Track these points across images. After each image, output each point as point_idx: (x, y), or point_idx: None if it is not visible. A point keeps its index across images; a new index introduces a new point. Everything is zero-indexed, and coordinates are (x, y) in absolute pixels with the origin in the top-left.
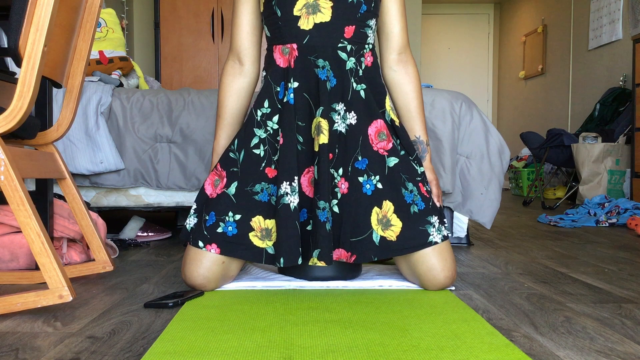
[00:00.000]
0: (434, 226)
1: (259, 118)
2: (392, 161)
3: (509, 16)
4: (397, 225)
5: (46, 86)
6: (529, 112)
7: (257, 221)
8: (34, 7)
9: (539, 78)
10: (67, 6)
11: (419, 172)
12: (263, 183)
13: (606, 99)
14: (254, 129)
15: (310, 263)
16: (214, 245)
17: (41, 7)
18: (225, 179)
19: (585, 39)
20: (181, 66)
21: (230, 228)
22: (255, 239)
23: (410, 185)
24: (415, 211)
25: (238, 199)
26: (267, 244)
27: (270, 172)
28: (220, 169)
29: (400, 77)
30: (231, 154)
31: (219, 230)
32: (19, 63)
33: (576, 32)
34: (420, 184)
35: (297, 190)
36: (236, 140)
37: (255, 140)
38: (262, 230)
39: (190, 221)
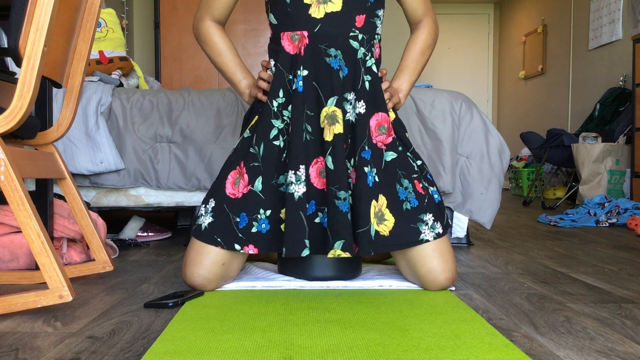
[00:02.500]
0: (426, 224)
1: (275, 109)
2: (390, 156)
3: (509, 16)
4: (390, 220)
5: (46, 86)
6: (529, 112)
7: (285, 212)
8: (34, 7)
9: (539, 78)
10: (67, 6)
11: (416, 169)
12: (286, 174)
13: (606, 99)
14: (272, 120)
15: (329, 255)
16: (250, 246)
17: (41, 7)
18: (246, 175)
19: (585, 39)
20: (181, 66)
21: (263, 225)
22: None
23: (405, 182)
24: (407, 208)
25: (266, 194)
26: None
27: None
28: (243, 167)
29: (411, 34)
30: (251, 149)
31: (254, 230)
32: (19, 63)
33: (576, 32)
34: (415, 181)
35: (302, 179)
36: (254, 135)
37: (274, 132)
38: None
39: (205, 220)
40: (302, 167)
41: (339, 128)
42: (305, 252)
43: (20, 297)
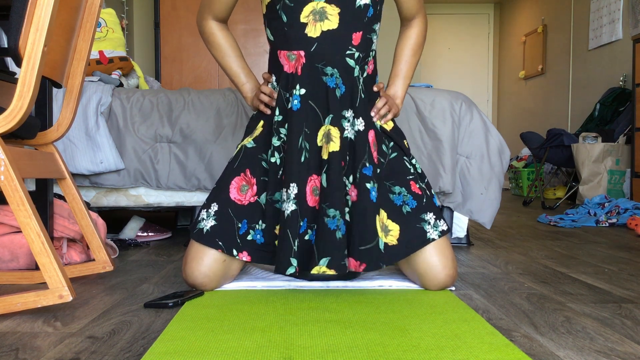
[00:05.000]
0: (429, 223)
1: (275, 125)
2: (378, 169)
3: (509, 16)
4: (394, 229)
5: (46, 86)
6: (529, 112)
7: (278, 229)
8: (34, 7)
9: (539, 78)
10: (67, 6)
11: (412, 171)
12: (281, 191)
13: (606, 99)
14: (272, 137)
15: (313, 272)
16: (245, 253)
17: (41, 7)
18: (255, 187)
19: (585, 39)
20: (181, 66)
21: (258, 236)
22: None
23: (397, 189)
24: (408, 210)
25: (267, 207)
26: None
27: None
28: (249, 176)
29: (403, 32)
30: (263, 163)
31: (249, 237)
32: (19, 63)
33: (576, 32)
34: (411, 182)
35: (292, 197)
36: (261, 148)
37: (271, 149)
38: None
39: (207, 223)
40: (293, 185)
41: (334, 146)
42: (290, 270)
43: (20, 297)
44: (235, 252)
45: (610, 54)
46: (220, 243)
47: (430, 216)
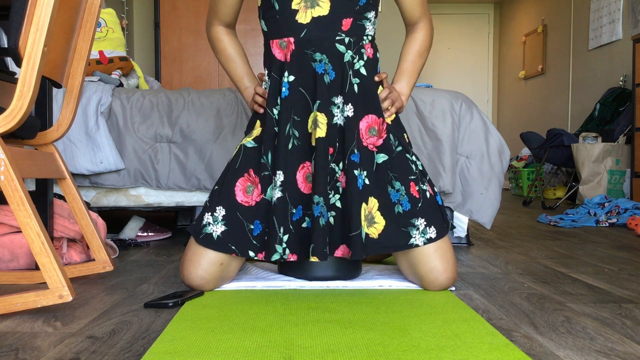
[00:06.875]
0: (417, 229)
1: (276, 116)
2: (381, 158)
3: (509, 16)
4: (380, 222)
5: (46, 86)
6: (529, 112)
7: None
8: (34, 7)
9: (539, 78)
10: (67, 6)
11: (414, 170)
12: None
13: (606, 99)
14: (274, 128)
15: (310, 259)
16: (265, 253)
17: (41, 7)
18: (259, 185)
19: (585, 39)
20: (181, 66)
21: None
22: None
23: (397, 185)
24: (399, 211)
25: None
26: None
27: None
28: (253, 175)
29: (408, 36)
30: (262, 159)
31: (267, 237)
32: (19, 63)
33: (576, 32)
34: (411, 183)
35: (278, 185)
36: (261, 145)
37: None
38: None
39: (216, 228)
40: (279, 172)
41: (320, 132)
42: (275, 257)
43: (20, 297)
44: (252, 254)
45: (610, 54)
46: (233, 247)
47: (420, 222)
